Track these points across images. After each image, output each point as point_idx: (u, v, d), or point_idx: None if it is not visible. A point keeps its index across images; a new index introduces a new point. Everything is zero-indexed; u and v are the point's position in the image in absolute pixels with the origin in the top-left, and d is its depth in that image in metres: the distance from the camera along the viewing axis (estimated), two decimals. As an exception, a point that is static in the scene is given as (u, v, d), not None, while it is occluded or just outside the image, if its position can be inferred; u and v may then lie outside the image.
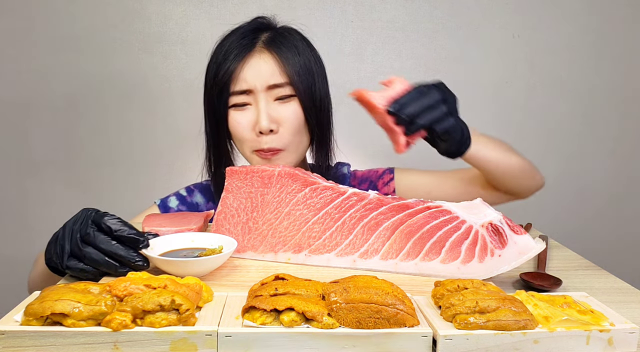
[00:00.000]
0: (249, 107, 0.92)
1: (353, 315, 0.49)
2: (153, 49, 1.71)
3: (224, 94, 0.92)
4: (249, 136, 0.93)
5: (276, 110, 0.91)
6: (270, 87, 0.91)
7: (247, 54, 0.91)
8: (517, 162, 0.90)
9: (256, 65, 0.91)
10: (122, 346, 0.47)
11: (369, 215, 0.71)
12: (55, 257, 0.67)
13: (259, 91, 0.91)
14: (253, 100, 0.92)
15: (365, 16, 1.75)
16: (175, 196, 1.06)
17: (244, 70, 0.91)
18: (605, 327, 0.49)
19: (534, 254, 0.65)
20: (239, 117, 0.92)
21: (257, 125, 0.91)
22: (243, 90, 0.91)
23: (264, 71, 0.91)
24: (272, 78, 0.91)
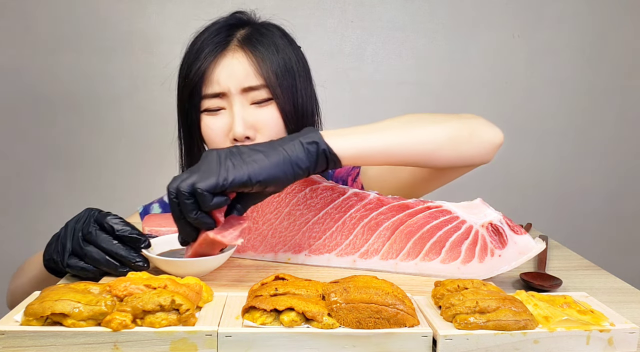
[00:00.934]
0: (222, 112, 0.85)
1: (353, 315, 0.49)
2: (153, 49, 1.71)
3: (195, 97, 0.85)
4: (223, 143, 0.85)
5: (253, 115, 0.84)
6: (245, 90, 0.83)
7: (220, 52, 0.84)
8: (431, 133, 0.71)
9: (229, 65, 0.83)
10: (122, 346, 0.47)
11: (369, 215, 0.71)
12: (55, 255, 0.67)
13: (233, 94, 0.83)
14: (227, 104, 0.84)
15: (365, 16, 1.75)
16: (159, 203, 1.02)
17: (216, 70, 0.83)
18: (605, 327, 0.49)
19: (534, 254, 0.65)
20: (211, 122, 0.85)
21: (231, 132, 0.83)
22: (216, 94, 0.84)
23: (238, 72, 0.83)
24: (247, 80, 0.83)
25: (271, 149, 0.62)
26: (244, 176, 0.59)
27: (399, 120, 0.72)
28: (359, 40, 1.77)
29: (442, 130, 0.71)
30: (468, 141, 0.73)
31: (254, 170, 0.59)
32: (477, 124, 0.74)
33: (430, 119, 0.73)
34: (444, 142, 0.71)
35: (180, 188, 0.58)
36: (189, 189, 0.58)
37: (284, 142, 0.63)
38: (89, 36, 1.69)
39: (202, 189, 0.58)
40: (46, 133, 1.74)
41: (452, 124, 0.72)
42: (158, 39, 1.71)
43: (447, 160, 0.73)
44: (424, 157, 0.71)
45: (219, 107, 0.85)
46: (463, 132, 0.72)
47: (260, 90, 0.84)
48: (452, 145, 0.72)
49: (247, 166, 0.60)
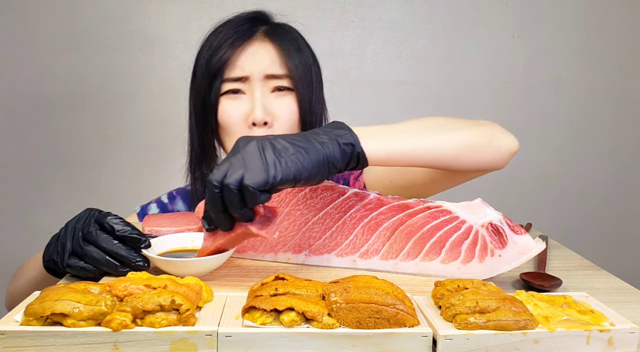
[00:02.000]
0: (242, 97, 0.86)
1: (353, 315, 0.49)
2: (153, 49, 1.71)
3: (216, 80, 0.85)
4: (240, 128, 0.86)
5: (272, 102, 0.86)
6: (268, 77, 0.86)
7: (246, 41, 0.86)
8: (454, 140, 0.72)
9: (255, 52, 0.86)
10: (122, 346, 0.47)
11: (369, 215, 0.71)
12: (55, 255, 0.67)
13: (256, 80, 0.85)
14: (248, 89, 0.86)
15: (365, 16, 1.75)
16: (156, 203, 1.02)
17: (241, 57, 0.85)
18: (605, 327, 0.49)
19: (534, 254, 0.65)
20: (230, 105, 0.86)
21: (250, 116, 0.85)
22: (238, 78, 0.85)
23: (263, 60, 0.86)
24: (271, 68, 0.86)
25: (311, 146, 0.61)
26: (290, 175, 0.58)
27: (423, 124, 0.73)
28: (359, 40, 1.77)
29: (465, 137, 0.73)
30: (487, 148, 0.75)
31: (298, 169, 0.59)
32: (496, 131, 0.77)
33: (453, 125, 0.74)
34: (466, 148, 0.73)
35: (229, 183, 0.56)
36: (237, 185, 0.57)
37: (319, 137, 0.62)
38: (89, 36, 1.69)
39: (253, 188, 0.56)
40: (46, 133, 1.74)
41: (474, 131, 0.74)
42: (158, 39, 1.71)
43: (466, 166, 0.75)
44: (445, 162, 0.73)
45: (238, 90, 0.86)
46: (483, 139, 0.75)
47: (282, 79, 0.87)
48: (472, 152, 0.74)
49: (292, 164, 0.58)
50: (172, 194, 1.04)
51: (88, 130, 1.75)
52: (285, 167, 0.58)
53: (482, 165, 0.77)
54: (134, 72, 1.72)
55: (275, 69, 0.86)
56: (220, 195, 0.57)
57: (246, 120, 0.86)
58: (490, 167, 0.78)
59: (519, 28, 1.78)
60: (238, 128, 0.87)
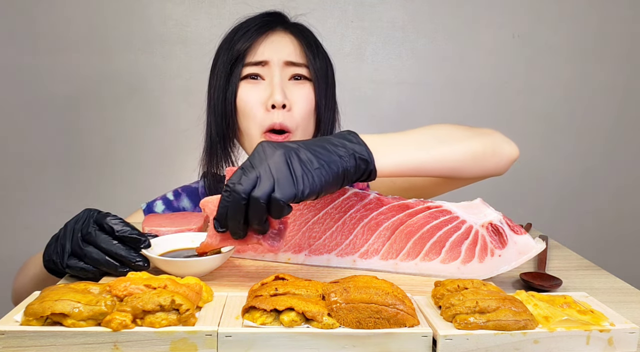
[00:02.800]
0: (262, 82, 0.90)
1: (353, 315, 0.49)
2: (153, 49, 1.71)
3: (238, 65, 0.89)
4: (259, 111, 0.89)
5: (290, 89, 0.90)
6: (287, 64, 0.90)
7: (269, 30, 0.91)
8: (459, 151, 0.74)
9: (277, 41, 0.90)
10: (122, 346, 0.47)
11: (369, 215, 0.71)
12: (55, 256, 0.67)
13: (275, 65, 0.89)
14: (267, 74, 0.90)
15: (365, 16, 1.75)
16: (162, 200, 1.03)
17: (263, 44, 0.90)
18: (605, 327, 0.49)
19: (534, 254, 0.65)
20: (250, 90, 0.89)
21: (269, 99, 0.87)
22: (259, 62, 0.89)
23: (284, 48, 0.90)
24: (292, 56, 0.90)
25: (331, 160, 0.61)
26: (316, 190, 0.58)
27: (430, 134, 0.75)
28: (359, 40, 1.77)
29: (470, 148, 0.75)
30: (491, 157, 0.78)
31: (321, 183, 0.59)
32: (498, 140, 0.79)
33: (458, 135, 0.76)
34: (470, 159, 0.75)
35: (258, 197, 0.55)
36: (266, 198, 0.55)
37: (338, 150, 0.62)
38: (89, 36, 1.69)
39: (283, 201, 0.55)
40: (46, 133, 1.74)
41: (478, 141, 0.76)
42: (158, 39, 1.71)
43: (470, 175, 0.78)
44: (450, 173, 0.75)
45: (257, 75, 0.90)
46: (487, 149, 0.77)
47: (301, 68, 0.91)
48: (476, 162, 0.76)
49: (317, 178, 0.58)
50: (178, 191, 1.05)
51: (88, 130, 1.75)
52: (312, 181, 0.58)
53: (485, 173, 0.79)
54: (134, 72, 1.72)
55: (295, 57, 0.90)
56: (246, 206, 0.56)
57: (264, 103, 0.89)
58: (491, 174, 0.81)
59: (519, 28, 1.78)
60: (257, 111, 0.89)
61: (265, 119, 0.89)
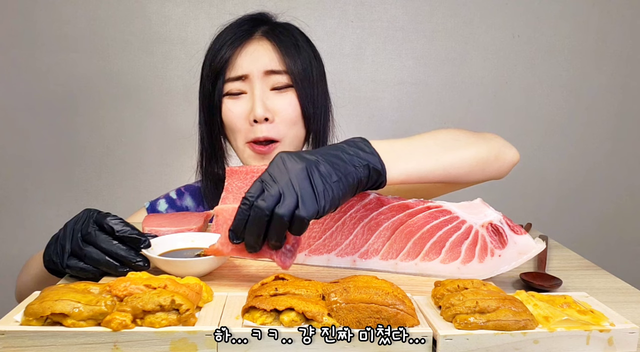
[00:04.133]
0: (243, 96, 0.90)
1: (353, 315, 0.49)
2: (153, 49, 1.71)
3: (218, 81, 0.89)
4: (243, 126, 0.90)
5: (272, 100, 0.89)
6: (267, 73, 0.89)
7: (245, 41, 0.90)
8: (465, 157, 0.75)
9: (254, 51, 0.89)
10: (122, 346, 0.47)
11: (369, 215, 0.71)
12: (55, 256, 0.67)
13: (255, 77, 0.88)
14: (248, 87, 0.89)
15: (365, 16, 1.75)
16: (165, 199, 1.03)
17: (240, 56, 0.89)
18: (605, 327, 0.49)
19: (534, 254, 0.65)
20: (232, 105, 0.90)
21: (251, 113, 0.88)
22: (238, 77, 0.89)
23: (262, 57, 0.89)
24: (270, 64, 0.89)
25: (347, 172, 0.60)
26: (335, 204, 0.58)
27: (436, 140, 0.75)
28: (359, 40, 1.77)
29: (475, 154, 0.76)
30: (494, 163, 0.79)
31: (339, 196, 0.59)
32: (501, 145, 0.80)
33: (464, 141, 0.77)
34: (475, 164, 0.76)
35: (282, 214, 0.54)
36: (290, 215, 0.55)
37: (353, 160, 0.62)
38: (89, 36, 1.69)
39: (307, 219, 0.55)
40: (46, 133, 1.74)
41: (482, 146, 0.77)
42: (158, 39, 1.71)
43: (474, 180, 0.79)
44: (456, 178, 0.76)
45: (240, 91, 0.90)
46: (491, 154, 0.78)
47: (282, 75, 0.89)
48: (481, 167, 0.77)
49: (336, 192, 0.58)
50: (181, 190, 1.05)
51: (88, 129, 1.75)
52: (332, 196, 0.57)
53: (487, 178, 0.81)
54: (134, 72, 1.72)
55: (273, 65, 0.89)
56: (268, 222, 0.55)
57: (247, 118, 0.89)
58: (493, 178, 0.82)
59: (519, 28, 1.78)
60: (241, 126, 0.90)
61: (248, 133, 0.90)
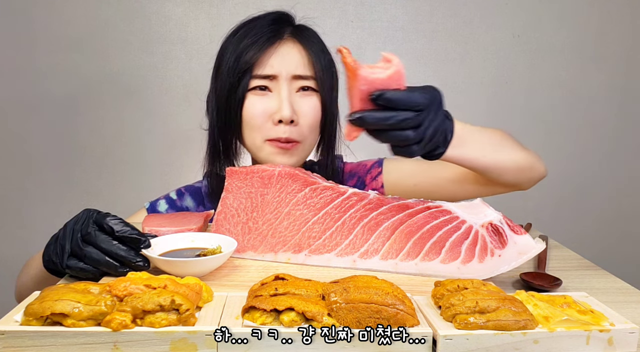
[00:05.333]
0: (269, 94, 0.89)
1: (353, 315, 0.49)
2: (153, 49, 1.71)
3: (245, 77, 0.88)
4: (264, 123, 0.89)
5: (297, 102, 0.90)
6: (295, 77, 0.89)
7: (277, 41, 0.90)
8: (512, 160, 0.82)
9: (286, 53, 0.89)
10: (122, 346, 0.47)
11: (369, 215, 0.71)
12: (54, 257, 0.67)
13: (283, 79, 0.89)
14: (275, 87, 0.89)
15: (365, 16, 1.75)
16: (165, 200, 1.02)
17: (271, 56, 0.89)
18: (605, 327, 0.49)
19: (534, 254, 0.65)
20: (257, 101, 0.89)
21: (277, 114, 0.88)
22: (267, 75, 0.89)
23: (292, 60, 0.89)
24: (299, 68, 0.90)
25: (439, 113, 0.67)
26: None
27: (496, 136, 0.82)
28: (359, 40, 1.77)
29: (518, 159, 0.83)
30: (528, 172, 0.86)
31: None
32: (536, 158, 0.87)
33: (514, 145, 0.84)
34: (515, 168, 0.83)
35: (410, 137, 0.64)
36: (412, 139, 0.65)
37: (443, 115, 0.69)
38: (89, 36, 1.69)
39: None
40: (46, 133, 1.74)
41: (524, 154, 0.84)
42: (158, 39, 1.71)
43: (505, 181, 0.85)
44: (496, 174, 0.82)
45: (266, 87, 0.89)
46: (528, 163, 0.85)
47: (309, 80, 0.90)
48: (516, 172, 0.84)
49: None
50: (181, 191, 1.04)
51: (88, 129, 1.75)
52: None
53: (517, 183, 0.87)
54: (134, 72, 1.72)
55: (302, 70, 0.90)
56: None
57: (271, 116, 0.89)
58: (520, 187, 0.89)
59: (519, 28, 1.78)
60: (262, 124, 0.89)
61: (270, 132, 0.89)
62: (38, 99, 1.71)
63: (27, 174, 1.76)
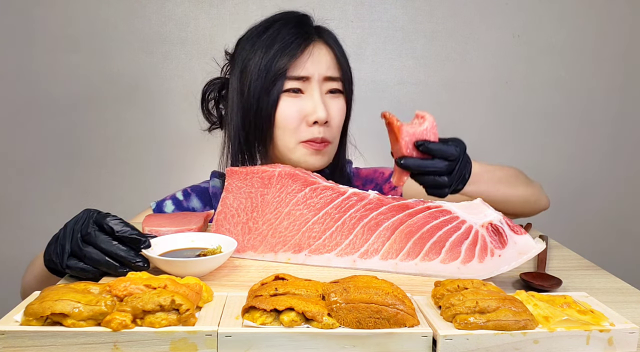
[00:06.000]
0: (301, 96, 0.91)
1: (353, 315, 0.49)
2: (153, 49, 1.71)
3: (279, 79, 0.89)
4: (298, 125, 0.90)
5: (328, 103, 0.92)
6: (326, 79, 0.91)
7: (310, 43, 0.91)
8: (520, 195, 0.93)
9: (317, 55, 0.91)
10: (122, 346, 0.47)
11: (369, 215, 0.71)
12: (55, 257, 0.67)
13: (315, 80, 0.90)
14: (307, 88, 0.91)
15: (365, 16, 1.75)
16: (172, 200, 1.02)
17: (304, 58, 0.90)
18: (605, 327, 0.49)
19: (534, 254, 0.65)
20: (291, 103, 0.90)
21: (312, 115, 0.89)
22: (300, 77, 0.90)
23: (324, 62, 0.91)
24: (329, 70, 0.92)
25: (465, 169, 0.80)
26: None
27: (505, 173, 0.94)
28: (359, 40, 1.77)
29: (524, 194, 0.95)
30: (533, 205, 0.97)
31: None
32: (540, 193, 0.98)
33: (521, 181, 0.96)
34: (521, 202, 0.95)
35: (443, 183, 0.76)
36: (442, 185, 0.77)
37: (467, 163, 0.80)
38: (89, 36, 1.69)
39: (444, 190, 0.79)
40: (46, 133, 1.74)
41: (530, 189, 0.96)
42: (158, 39, 1.71)
43: (512, 212, 0.95)
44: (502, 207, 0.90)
45: (299, 90, 0.91)
46: (533, 198, 0.96)
47: (337, 82, 0.93)
48: (522, 204, 0.95)
49: None
50: (187, 191, 1.03)
51: (88, 130, 1.75)
52: None
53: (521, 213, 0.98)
54: (134, 72, 1.72)
55: (332, 71, 0.92)
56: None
57: (304, 118, 0.90)
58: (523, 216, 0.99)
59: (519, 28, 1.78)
60: (296, 125, 0.90)
61: (305, 133, 0.90)
62: (38, 99, 1.71)
63: (27, 174, 1.76)
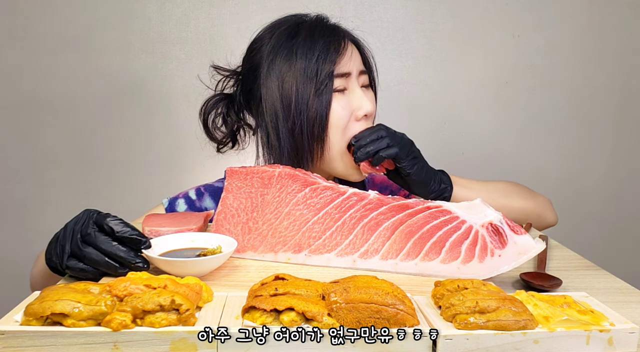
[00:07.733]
0: (345, 93, 0.92)
1: (353, 315, 0.49)
2: (153, 49, 1.71)
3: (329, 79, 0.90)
4: (348, 122, 0.91)
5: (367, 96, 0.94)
6: (361, 73, 0.94)
7: (346, 40, 0.94)
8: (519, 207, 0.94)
9: (351, 51, 0.94)
10: (122, 346, 0.47)
11: (369, 215, 0.71)
12: (55, 257, 0.67)
13: (354, 75, 0.93)
14: (349, 85, 0.92)
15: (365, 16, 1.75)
16: (184, 199, 1.01)
17: (344, 56, 0.92)
18: (605, 327, 0.49)
19: (534, 254, 0.65)
20: (343, 101, 0.91)
21: (360, 110, 0.91)
22: (343, 73, 0.91)
23: (355, 57, 0.94)
24: (362, 65, 0.95)
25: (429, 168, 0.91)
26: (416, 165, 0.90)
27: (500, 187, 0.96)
28: (359, 40, 1.76)
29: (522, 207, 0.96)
30: (536, 219, 0.97)
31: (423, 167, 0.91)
32: (546, 208, 0.99)
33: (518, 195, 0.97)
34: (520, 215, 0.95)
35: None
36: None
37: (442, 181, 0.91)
38: (89, 36, 1.69)
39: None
40: (46, 133, 1.74)
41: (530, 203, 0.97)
42: (158, 39, 1.71)
43: None
44: None
45: (344, 88, 0.92)
46: (534, 212, 0.97)
47: (367, 75, 0.97)
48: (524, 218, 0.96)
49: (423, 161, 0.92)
50: (200, 191, 1.02)
51: (88, 130, 1.75)
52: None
53: None
54: (134, 72, 1.72)
55: (363, 65, 0.96)
56: None
57: (352, 114, 0.92)
58: None
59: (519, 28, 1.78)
60: (346, 122, 0.92)
61: (353, 128, 0.92)
62: (37, 99, 1.71)
63: (27, 174, 1.76)
